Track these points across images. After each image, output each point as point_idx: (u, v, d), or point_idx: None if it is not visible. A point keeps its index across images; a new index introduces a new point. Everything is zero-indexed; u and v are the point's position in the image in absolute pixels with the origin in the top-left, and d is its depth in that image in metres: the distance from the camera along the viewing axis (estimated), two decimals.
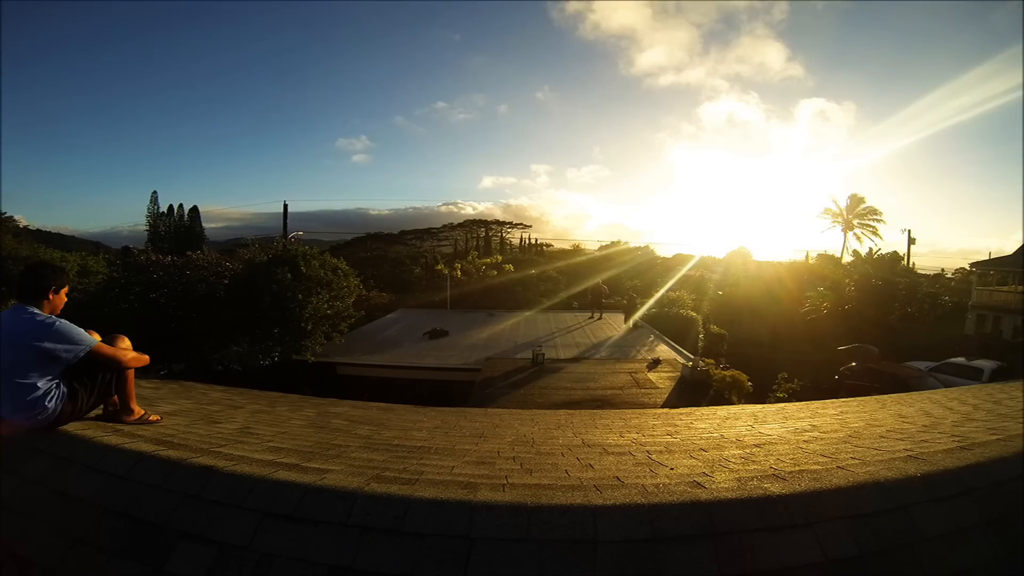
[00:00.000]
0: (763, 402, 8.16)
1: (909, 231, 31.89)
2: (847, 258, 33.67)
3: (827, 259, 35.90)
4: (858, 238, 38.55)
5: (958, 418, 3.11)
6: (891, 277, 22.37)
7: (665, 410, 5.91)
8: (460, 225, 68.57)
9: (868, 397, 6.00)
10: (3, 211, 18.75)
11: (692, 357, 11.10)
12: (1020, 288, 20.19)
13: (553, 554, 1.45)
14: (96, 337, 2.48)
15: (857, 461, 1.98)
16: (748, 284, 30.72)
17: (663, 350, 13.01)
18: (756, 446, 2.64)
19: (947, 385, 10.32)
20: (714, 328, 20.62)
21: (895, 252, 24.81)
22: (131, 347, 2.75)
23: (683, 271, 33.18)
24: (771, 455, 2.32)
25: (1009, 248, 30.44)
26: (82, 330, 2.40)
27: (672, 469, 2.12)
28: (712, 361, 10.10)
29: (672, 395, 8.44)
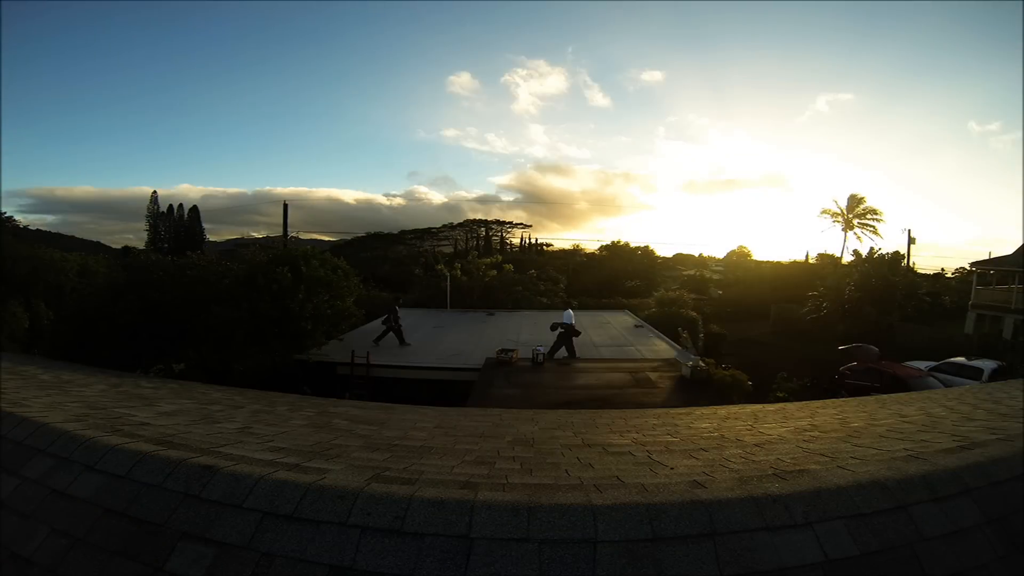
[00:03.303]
0: (763, 402, 8.16)
1: (909, 231, 31.89)
2: (847, 258, 33.69)
3: (827, 259, 35.95)
4: (858, 238, 38.64)
5: (958, 418, 3.11)
6: (891, 277, 22.37)
7: (665, 410, 5.91)
8: (460, 225, 68.67)
9: (868, 397, 6.00)
10: (3, 211, 18.76)
11: (692, 357, 11.10)
12: (1020, 288, 20.17)
13: (553, 554, 1.45)
14: None
15: (857, 461, 1.98)
16: (748, 284, 30.73)
17: (663, 349, 13.02)
18: (756, 446, 2.64)
19: (947, 385, 10.33)
20: (714, 328, 20.65)
21: (896, 252, 24.77)
22: None
23: (682, 271, 33.26)
24: (771, 455, 2.32)
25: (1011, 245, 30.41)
26: None
27: (672, 469, 2.12)
28: (712, 361, 10.10)
29: (672, 395, 8.44)
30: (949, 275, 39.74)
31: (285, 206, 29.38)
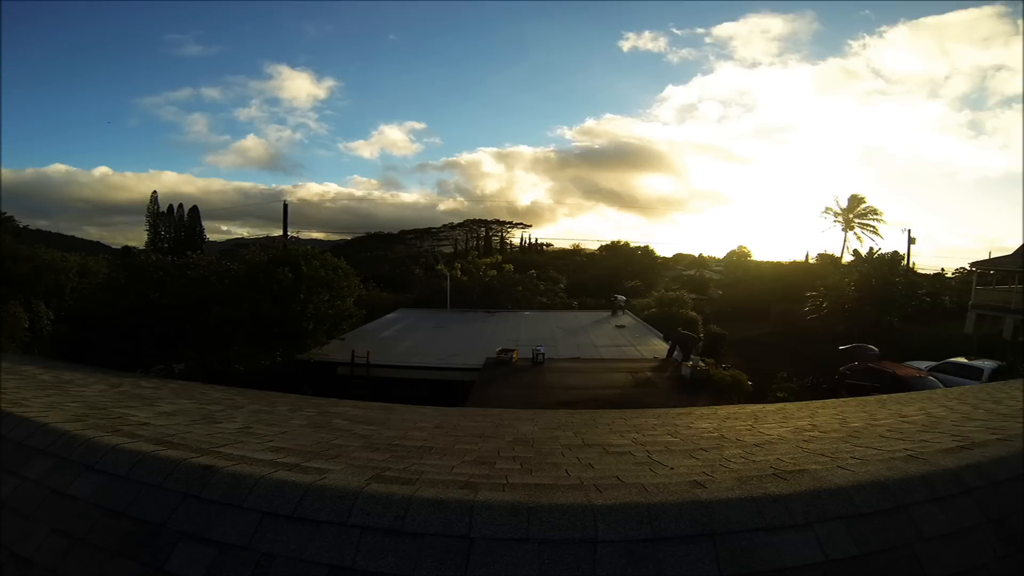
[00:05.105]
0: (763, 402, 8.16)
1: (909, 231, 31.91)
2: (847, 258, 33.69)
3: (827, 259, 35.94)
4: (858, 238, 38.61)
5: (958, 418, 3.11)
6: (891, 277, 22.36)
7: (665, 410, 5.91)
8: (460, 225, 68.85)
9: (868, 397, 6.00)
10: (3, 211, 18.72)
11: (692, 357, 11.10)
12: (1020, 288, 20.16)
13: (553, 554, 1.45)
14: None
15: (857, 461, 1.98)
16: (748, 284, 30.74)
17: (663, 350, 13.01)
18: (756, 446, 2.64)
19: (947, 385, 10.32)
20: (714, 328, 20.65)
21: (895, 252, 24.78)
22: None
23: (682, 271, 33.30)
24: (771, 455, 2.32)
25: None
26: None
27: (672, 469, 2.12)
28: (712, 361, 10.10)
29: (672, 395, 8.44)
30: (949, 275, 39.68)
31: (285, 205, 29.35)
